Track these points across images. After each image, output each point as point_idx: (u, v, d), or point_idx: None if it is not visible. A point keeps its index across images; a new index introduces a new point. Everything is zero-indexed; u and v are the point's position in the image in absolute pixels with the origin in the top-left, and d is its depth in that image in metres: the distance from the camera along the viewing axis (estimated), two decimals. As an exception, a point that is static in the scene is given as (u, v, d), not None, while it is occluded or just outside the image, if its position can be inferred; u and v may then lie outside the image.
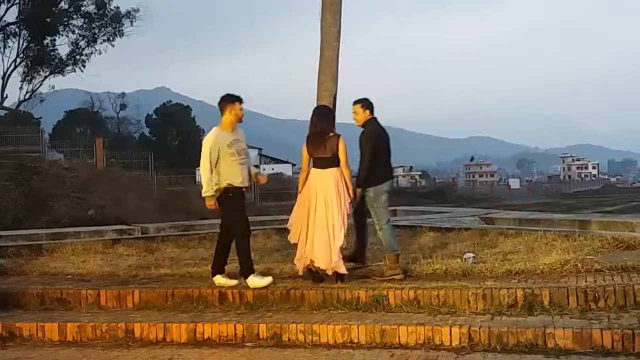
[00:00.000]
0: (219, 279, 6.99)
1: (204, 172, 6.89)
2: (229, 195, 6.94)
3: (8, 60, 42.99)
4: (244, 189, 7.14)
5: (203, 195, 6.90)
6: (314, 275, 6.95)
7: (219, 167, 6.89)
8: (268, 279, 6.73)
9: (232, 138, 7.00)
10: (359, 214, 7.47)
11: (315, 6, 9.40)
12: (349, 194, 6.92)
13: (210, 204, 6.93)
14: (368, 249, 7.88)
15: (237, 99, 7.08)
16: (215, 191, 6.89)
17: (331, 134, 7.01)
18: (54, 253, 9.62)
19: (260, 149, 73.03)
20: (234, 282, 6.93)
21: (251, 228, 7.29)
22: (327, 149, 6.93)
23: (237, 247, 7.01)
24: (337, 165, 6.95)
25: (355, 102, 7.40)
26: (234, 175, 6.93)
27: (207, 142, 6.92)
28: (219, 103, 7.11)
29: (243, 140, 7.17)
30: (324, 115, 7.25)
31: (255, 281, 6.73)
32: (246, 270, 6.86)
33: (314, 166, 7.06)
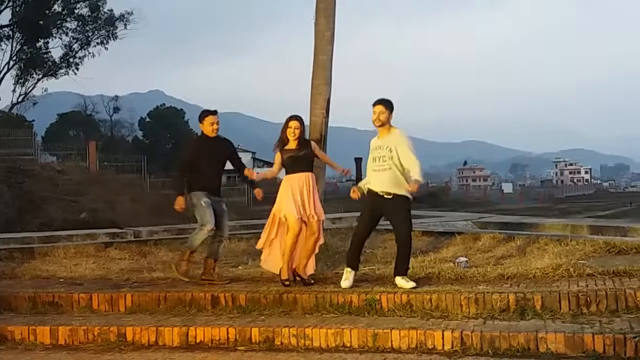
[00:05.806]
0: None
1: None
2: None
3: (1, 63, 42.85)
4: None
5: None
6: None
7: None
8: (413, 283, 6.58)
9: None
10: None
11: (309, 10, 9.44)
12: None
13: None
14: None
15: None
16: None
17: None
18: (46, 256, 9.59)
19: (253, 153, 72.92)
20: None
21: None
22: None
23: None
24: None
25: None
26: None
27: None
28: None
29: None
30: None
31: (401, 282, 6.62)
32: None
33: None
